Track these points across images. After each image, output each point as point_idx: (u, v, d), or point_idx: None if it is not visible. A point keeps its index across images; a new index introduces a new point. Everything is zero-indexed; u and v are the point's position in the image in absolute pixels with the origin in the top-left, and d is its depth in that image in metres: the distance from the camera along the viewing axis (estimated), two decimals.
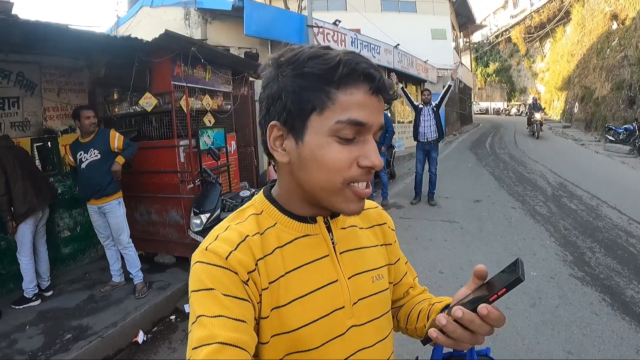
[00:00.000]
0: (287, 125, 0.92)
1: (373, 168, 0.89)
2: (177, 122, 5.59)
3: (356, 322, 1.00)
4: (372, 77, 0.87)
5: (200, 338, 0.78)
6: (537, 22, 41.74)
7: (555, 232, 6.85)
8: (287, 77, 0.90)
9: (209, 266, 0.88)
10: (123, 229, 5.06)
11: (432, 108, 8.82)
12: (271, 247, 0.96)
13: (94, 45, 5.27)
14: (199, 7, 10.84)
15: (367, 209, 1.21)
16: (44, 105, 5.76)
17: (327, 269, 1.00)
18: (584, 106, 27.16)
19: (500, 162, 14.85)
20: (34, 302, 4.83)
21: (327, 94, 0.87)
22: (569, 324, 4.07)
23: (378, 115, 0.91)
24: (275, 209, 1.02)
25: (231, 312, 0.83)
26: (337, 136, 0.88)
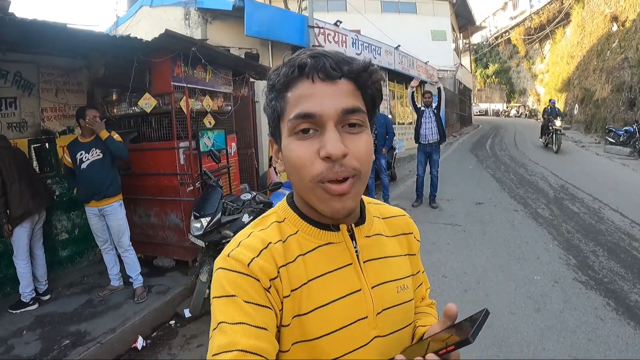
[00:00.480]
0: (274, 137, 0.99)
1: (330, 157, 0.85)
2: (176, 123, 5.52)
3: (380, 333, 0.98)
4: (304, 65, 0.88)
5: (220, 345, 0.78)
6: (536, 24, 41.77)
7: (558, 235, 6.79)
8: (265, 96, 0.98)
9: (231, 273, 0.88)
10: (124, 231, 5.00)
11: (433, 110, 8.76)
12: (293, 255, 0.95)
13: (93, 45, 5.18)
14: (199, 7, 10.78)
15: (395, 217, 1.20)
16: (41, 106, 5.69)
17: (350, 278, 0.98)
18: (583, 108, 27.17)
19: (501, 164, 14.82)
20: (31, 307, 4.75)
21: (282, 98, 0.91)
22: (574, 329, 4.02)
23: (332, 101, 0.87)
24: (297, 217, 1.02)
25: (252, 319, 0.82)
26: (295, 134, 0.89)
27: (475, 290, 4.90)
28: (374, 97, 0.96)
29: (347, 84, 0.90)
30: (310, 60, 0.88)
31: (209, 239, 4.49)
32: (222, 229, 4.55)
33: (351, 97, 0.90)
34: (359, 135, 0.90)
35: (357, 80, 0.91)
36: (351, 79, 0.90)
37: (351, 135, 0.89)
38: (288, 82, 0.90)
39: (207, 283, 4.40)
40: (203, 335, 4.31)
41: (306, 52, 0.91)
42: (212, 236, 4.51)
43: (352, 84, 0.91)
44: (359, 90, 0.92)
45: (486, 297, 4.72)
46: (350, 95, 0.90)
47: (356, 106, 0.90)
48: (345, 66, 0.89)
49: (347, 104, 0.88)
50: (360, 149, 0.89)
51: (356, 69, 0.90)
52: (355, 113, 0.89)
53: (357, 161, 0.88)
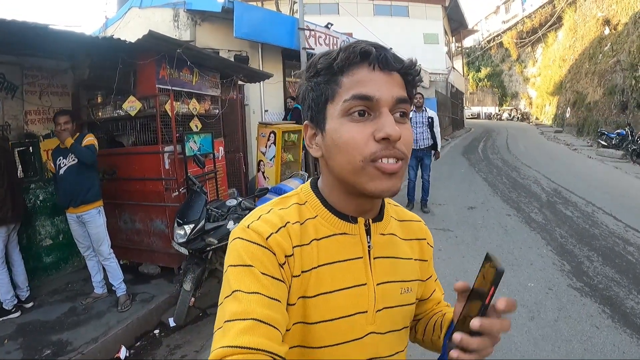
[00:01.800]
0: (314, 121, 0.99)
1: (389, 138, 0.88)
2: (162, 127, 5.40)
3: (376, 330, 1.00)
4: (368, 53, 0.90)
5: (234, 312, 0.80)
6: (529, 27, 42.04)
7: (552, 240, 6.72)
8: (308, 80, 0.99)
9: (249, 243, 0.90)
10: (103, 239, 4.84)
11: (428, 118, 8.65)
12: (309, 238, 0.97)
13: (76, 46, 5.06)
14: (188, 9, 10.64)
15: (410, 221, 1.22)
16: (25, 109, 5.56)
17: (358, 271, 1.00)
18: (576, 111, 27.39)
19: (494, 168, 14.78)
20: (13, 314, 4.63)
21: (335, 82, 0.93)
22: (569, 338, 3.95)
23: (388, 89, 0.91)
24: (318, 202, 1.04)
25: (268, 290, 0.84)
26: (349, 115, 0.91)
27: None
28: (411, 95, 1.00)
29: (399, 77, 0.94)
30: (374, 50, 0.91)
31: (192, 246, 4.38)
32: (206, 237, 4.43)
33: (402, 89, 0.94)
34: (405, 125, 0.95)
35: (406, 77, 0.96)
36: (402, 74, 0.95)
37: (400, 124, 0.92)
38: (347, 66, 0.92)
39: (191, 292, 4.30)
40: (188, 345, 4.19)
41: (366, 42, 0.94)
42: (196, 243, 4.40)
43: (402, 79, 0.95)
44: (405, 85, 0.96)
45: None
46: (401, 87, 0.94)
47: (406, 97, 0.95)
48: (402, 62, 0.95)
49: (400, 93, 0.93)
50: (407, 137, 0.93)
51: (408, 66, 0.96)
52: (405, 103, 0.94)
53: (405, 147, 0.92)
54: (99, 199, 4.85)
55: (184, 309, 4.32)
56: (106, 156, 5.67)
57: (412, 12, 26.91)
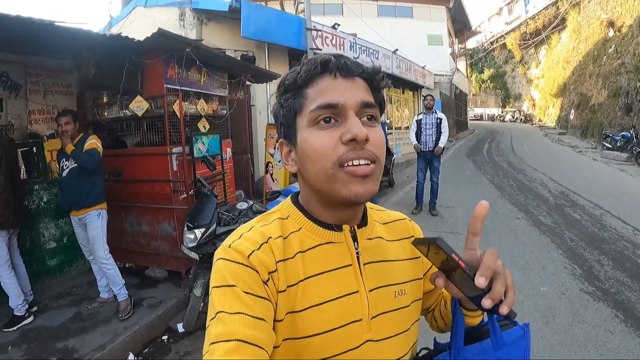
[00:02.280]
0: (287, 138, 1.01)
1: (355, 139, 0.88)
2: (169, 127, 5.28)
3: (373, 337, 0.97)
4: (327, 62, 0.93)
5: (219, 334, 0.79)
6: (532, 29, 42.01)
7: (562, 243, 6.64)
8: (277, 98, 1.02)
9: (231, 263, 0.89)
10: (98, 242, 4.64)
11: (437, 119, 8.57)
12: (293, 252, 0.96)
13: (82, 44, 4.95)
14: (194, 8, 10.57)
15: (395, 222, 1.21)
16: (29, 108, 5.47)
17: (349, 279, 0.98)
18: (580, 113, 27.28)
19: (500, 170, 14.70)
20: (27, 320, 4.47)
21: (301, 95, 0.95)
22: (584, 343, 3.89)
23: (352, 94, 0.93)
24: (301, 214, 1.03)
25: (251, 309, 0.83)
26: (316, 124, 0.92)
27: None
28: (381, 101, 1.01)
29: (362, 83, 0.96)
30: (333, 59, 0.94)
31: (203, 251, 4.24)
32: (217, 241, 4.28)
33: (367, 93, 0.96)
34: (375, 127, 0.95)
35: (371, 82, 0.98)
36: (366, 79, 0.97)
37: (368, 127, 0.92)
38: (309, 78, 0.94)
39: (202, 297, 4.18)
40: (197, 352, 4.07)
41: (326, 54, 0.96)
42: (206, 248, 4.25)
43: (366, 84, 0.97)
44: (371, 90, 0.98)
45: None
46: (366, 92, 0.96)
47: (372, 101, 0.96)
48: (362, 67, 0.97)
49: (365, 97, 0.94)
50: (377, 138, 0.93)
51: (372, 71, 0.98)
52: (372, 107, 0.95)
53: (375, 149, 0.92)
54: (100, 202, 4.69)
55: (194, 315, 4.19)
56: (112, 157, 5.57)
57: (416, 13, 26.86)
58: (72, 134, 4.52)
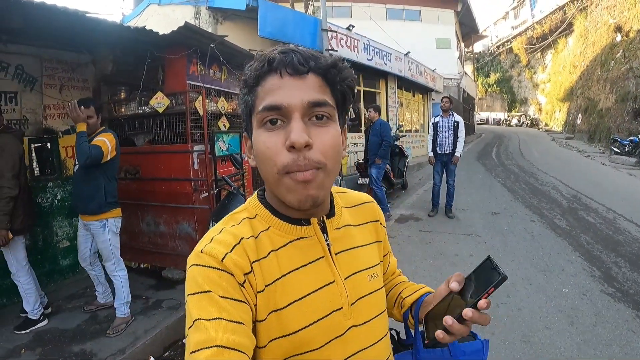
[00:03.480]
0: (247, 132, 1.02)
1: (293, 146, 0.86)
2: (191, 125, 5.13)
3: (355, 322, 1.01)
4: (272, 60, 0.90)
5: (197, 342, 0.78)
6: (539, 33, 41.98)
7: (579, 246, 6.63)
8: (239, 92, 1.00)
9: (205, 268, 0.88)
10: (108, 256, 4.34)
11: (454, 122, 8.55)
12: (266, 251, 0.96)
13: (103, 37, 4.81)
14: (210, 6, 10.50)
15: (361, 205, 1.23)
16: (44, 103, 5.34)
17: (323, 271, 1.00)
18: (587, 117, 27.18)
19: (510, 174, 14.64)
20: (41, 323, 4.31)
21: (253, 93, 0.94)
22: (609, 342, 3.92)
23: (299, 93, 0.90)
24: (268, 213, 1.03)
25: (229, 314, 0.82)
26: (263, 125, 0.91)
27: (506, 304, 4.70)
28: (344, 93, 0.99)
29: (315, 79, 0.92)
30: (279, 55, 0.90)
31: None
32: None
33: (318, 91, 0.92)
34: (325, 128, 0.92)
35: (326, 76, 0.93)
36: (319, 74, 0.93)
37: (318, 128, 0.91)
38: (258, 76, 0.92)
39: None
40: None
41: (277, 48, 0.94)
42: None
43: (320, 79, 0.93)
44: (327, 85, 0.94)
45: (519, 311, 4.53)
46: (318, 89, 0.92)
47: (323, 100, 0.91)
48: (312, 61, 0.92)
49: (313, 97, 0.90)
50: (325, 142, 0.91)
51: (323, 65, 0.93)
52: (322, 106, 0.91)
53: (322, 154, 0.90)
54: (105, 210, 4.25)
55: None
56: (129, 154, 5.45)
57: (425, 16, 26.82)
58: (93, 128, 4.22)
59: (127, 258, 5.80)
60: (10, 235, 3.94)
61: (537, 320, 4.33)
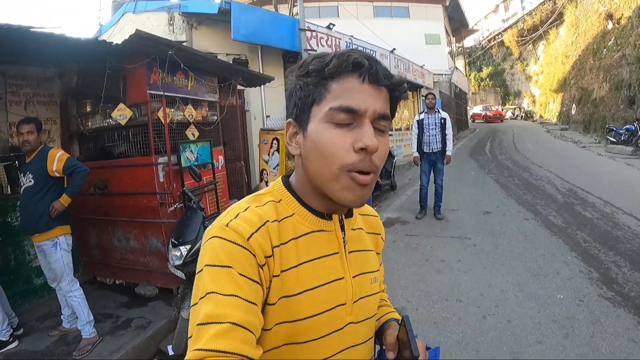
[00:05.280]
0: (297, 120, 1.01)
1: (366, 149, 0.91)
2: (155, 136, 4.96)
3: (354, 320, 1.05)
4: (360, 64, 0.93)
5: (210, 315, 0.78)
6: (529, 25, 41.95)
7: (575, 245, 6.38)
8: (298, 79, 1.00)
9: (228, 243, 0.88)
10: (62, 275, 4.21)
11: (440, 119, 8.34)
12: (287, 237, 0.99)
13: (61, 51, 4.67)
14: (183, 12, 10.32)
15: (369, 216, 1.29)
16: (9, 120, 5.21)
17: (336, 266, 1.04)
18: (581, 107, 27.10)
19: (504, 169, 14.48)
20: (11, 345, 4.23)
21: (324, 85, 0.95)
22: (607, 356, 3.63)
23: (374, 102, 0.94)
24: (294, 200, 1.05)
25: (245, 293, 0.84)
26: (332, 122, 0.93)
27: (495, 315, 4.44)
28: (394, 111, 1.04)
29: (386, 93, 0.98)
30: (366, 62, 0.93)
31: (190, 269, 3.89)
32: None
33: (386, 104, 0.98)
34: (384, 139, 0.98)
35: (392, 92, 0.99)
36: (389, 89, 0.98)
37: (378, 138, 0.94)
38: (338, 73, 0.93)
39: None
40: None
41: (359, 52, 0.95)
42: (193, 266, 3.88)
43: (388, 95, 0.99)
44: (390, 101, 1.00)
45: (508, 323, 4.26)
46: (386, 103, 0.98)
47: (388, 114, 0.98)
48: (391, 77, 0.97)
49: (383, 109, 0.96)
50: (383, 150, 0.96)
51: (397, 82, 0.99)
52: (386, 119, 0.97)
53: (380, 161, 0.96)
54: (54, 227, 4.18)
55: (183, 339, 3.88)
56: (97, 169, 5.26)
57: (413, 13, 26.71)
58: (34, 145, 4.18)
59: (102, 275, 5.75)
60: None
61: (528, 333, 4.07)
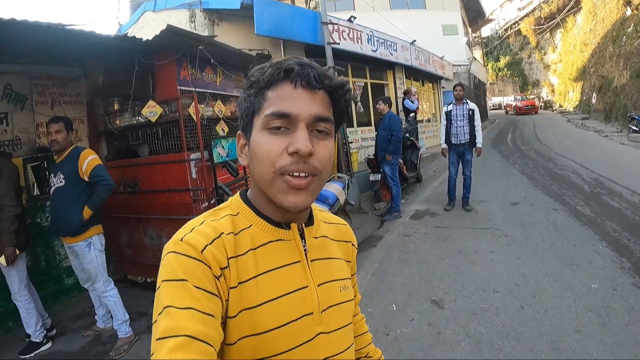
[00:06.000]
0: (244, 131, 1.04)
1: (298, 153, 0.91)
2: (186, 132, 4.92)
3: (324, 330, 1.03)
4: (291, 70, 0.94)
5: (166, 329, 0.77)
6: (546, 13, 41.38)
7: (605, 235, 6.26)
8: (242, 91, 1.03)
9: (183, 257, 0.87)
10: (97, 275, 4.19)
11: (468, 110, 8.27)
12: (244, 248, 0.98)
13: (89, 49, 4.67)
14: (204, 8, 10.31)
15: (338, 224, 1.28)
16: (36, 121, 5.22)
17: (298, 275, 1.02)
18: (602, 96, 26.64)
19: (528, 160, 14.27)
20: (45, 346, 4.25)
21: (262, 95, 0.97)
22: None
23: (308, 105, 0.95)
24: (251, 211, 1.04)
25: (201, 305, 0.82)
26: (268, 129, 0.94)
27: (532, 305, 4.36)
28: (342, 113, 1.06)
29: (323, 96, 0.98)
30: (297, 67, 0.95)
31: None
32: None
33: (324, 107, 0.98)
34: (324, 141, 0.99)
35: (332, 95, 1.00)
36: (328, 92, 0.99)
37: (317, 140, 0.97)
38: (272, 81, 0.96)
39: None
40: None
41: (294, 59, 0.97)
42: None
43: (327, 97, 0.99)
44: (332, 104, 1.01)
45: (546, 313, 4.18)
46: (324, 105, 0.98)
47: (327, 115, 0.98)
48: (326, 80, 0.97)
49: (320, 111, 0.96)
50: (323, 153, 0.97)
51: (334, 85, 0.99)
52: (325, 122, 0.98)
53: (320, 163, 0.96)
54: (87, 229, 4.14)
55: None
56: (127, 167, 5.31)
57: (429, 4, 26.41)
58: (63, 144, 4.11)
59: (133, 273, 5.73)
60: (17, 252, 3.98)
61: (566, 322, 4.01)
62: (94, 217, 4.14)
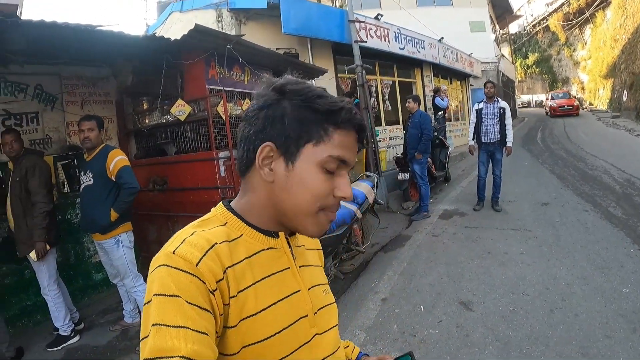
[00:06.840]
0: (282, 148, 0.98)
1: (344, 198, 1.00)
2: (214, 131, 4.94)
3: (319, 331, 1.06)
4: (363, 129, 1.03)
5: (158, 349, 0.74)
6: (575, 8, 40.61)
7: (637, 237, 6.03)
8: (293, 106, 0.98)
9: (176, 271, 0.84)
10: (125, 271, 4.31)
11: (500, 108, 8.10)
12: (240, 257, 0.97)
13: (118, 49, 4.71)
14: (231, 8, 10.41)
15: None
16: (66, 120, 5.33)
17: (290, 280, 1.04)
18: (633, 94, 26.04)
19: (558, 159, 14.03)
20: (73, 339, 4.35)
21: (325, 130, 0.97)
22: None
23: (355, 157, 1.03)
24: (239, 221, 1.03)
25: (194, 323, 0.79)
26: (325, 167, 0.97)
27: (562, 309, 4.25)
28: None
29: None
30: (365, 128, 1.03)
31: None
32: None
33: None
34: None
35: None
36: None
37: None
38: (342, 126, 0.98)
39: None
40: None
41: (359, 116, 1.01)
42: None
43: None
44: None
45: (575, 317, 4.06)
46: None
47: None
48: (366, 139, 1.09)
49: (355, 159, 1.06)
50: None
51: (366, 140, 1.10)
52: None
53: None
54: (117, 226, 4.25)
55: None
56: (156, 165, 5.38)
57: (456, 0, 26.20)
58: (95, 142, 4.20)
59: None
60: (48, 247, 4.10)
61: (595, 327, 3.88)
62: (122, 215, 4.22)
